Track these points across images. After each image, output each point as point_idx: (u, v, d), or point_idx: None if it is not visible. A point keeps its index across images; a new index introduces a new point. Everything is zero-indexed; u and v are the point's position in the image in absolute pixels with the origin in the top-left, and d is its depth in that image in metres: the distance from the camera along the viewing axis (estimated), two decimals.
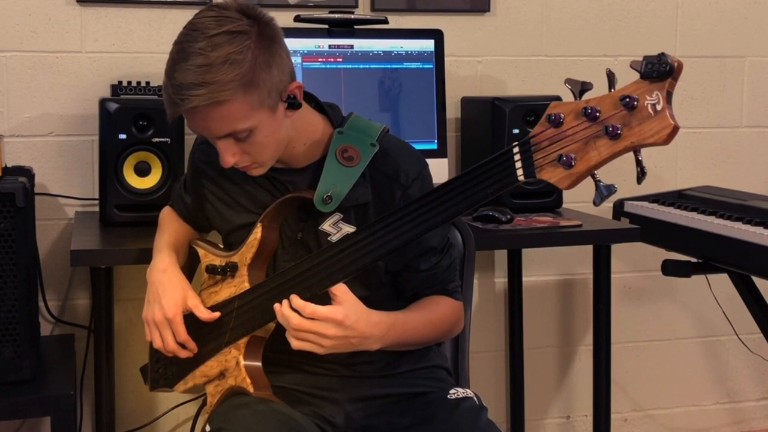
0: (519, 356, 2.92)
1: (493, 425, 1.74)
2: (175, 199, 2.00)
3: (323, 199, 1.71)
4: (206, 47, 1.57)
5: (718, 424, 3.25)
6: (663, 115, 1.33)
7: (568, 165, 1.39)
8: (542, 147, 1.42)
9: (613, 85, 1.39)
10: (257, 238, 1.75)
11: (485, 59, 2.88)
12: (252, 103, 1.60)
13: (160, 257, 1.84)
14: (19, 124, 2.56)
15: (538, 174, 1.43)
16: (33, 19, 2.55)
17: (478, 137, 2.65)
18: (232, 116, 1.59)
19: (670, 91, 1.34)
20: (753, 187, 2.99)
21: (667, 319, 3.16)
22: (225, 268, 1.78)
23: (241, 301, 1.75)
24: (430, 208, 1.54)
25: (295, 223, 1.78)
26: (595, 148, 1.38)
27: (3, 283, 2.07)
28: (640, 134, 1.34)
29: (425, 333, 1.78)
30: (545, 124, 1.42)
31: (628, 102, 1.35)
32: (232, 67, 1.56)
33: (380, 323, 1.64)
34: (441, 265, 1.81)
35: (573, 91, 1.42)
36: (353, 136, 1.76)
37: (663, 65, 1.34)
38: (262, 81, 1.60)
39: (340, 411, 1.77)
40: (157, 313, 1.76)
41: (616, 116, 1.36)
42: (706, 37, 3.06)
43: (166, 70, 1.62)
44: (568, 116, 1.40)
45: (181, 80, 1.57)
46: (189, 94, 1.56)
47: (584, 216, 2.57)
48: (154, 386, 1.94)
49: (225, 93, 1.56)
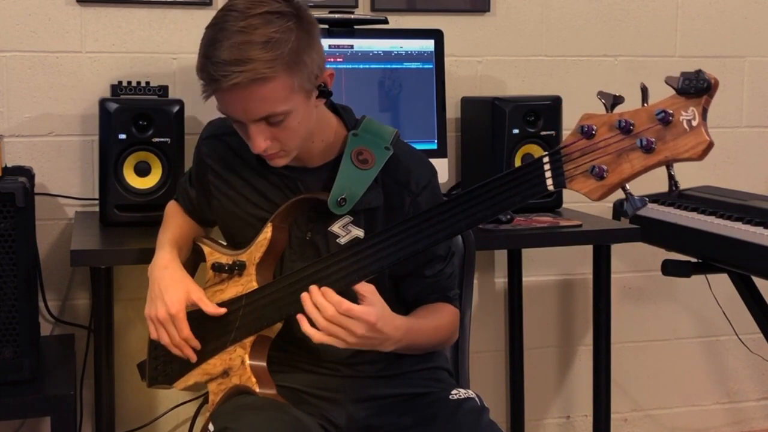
0: (519, 356, 2.92)
1: (494, 426, 1.74)
2: (180, 193, 2.00)
3: (337, 202, 1.70)
4: (248, 26, 1.56)
5: (718, 424, 3.25)
6: (699, 130, 1.34)
7: (599, 176, 1.41)
8: (573, 158, 1.43)
9: (646, 99, 1.41)
10: (267, 238, 1.74)
11: (485, 59, 2.88)
12: (293, 85, 1.60)
13: (161, 254, 1.84)
14: (19, 124, 2.56)
15: (569, 184, 1.45)
16: (33, 19, 2.55)
17: (478, 137, 2.65)
18: (272, 96, 1.59)
19: (706, 107, 1.35)
20: (753, 187, 2.99)
21: (667, 319, 3.16)
22: (232, 266, 1.77)
23: (248, 299, 1.74)
24: (454, 213, 1.54)
25: (304, 224, 1.77)
26: (628, 161, 1.40)
27: (3, 283, 2.07)
28: (675, 149, 1.36)
29: (431, 339, 1.79)
30: (577, 135, 1.44)
31: (664, 117, 1.36)
32: (276, 45, 1.56)
33: (401, 327, 1.65)
34: (444, 272, 1.82)
35: (605, 103, 1.43)
36: (368, 138, 1.76)
37: (700, 82, 1.35)
38: (303, 63, 1.60)
39: (342, 411, 1.77)
40: (160, 310, 1.75)
41: (651, 130, 1.37)
42: (706, 37, 3.06)
43: (202, 51, 1.61)
44: (601, 128, 1.42)
45: (224, 57, 1.55)
46: (232, 69, 1.54)
47: (584, 216, 2.57)
48: (152, 383, 1.94)
49: (269, 71, 1.56)
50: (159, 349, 1.87)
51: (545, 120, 2.55)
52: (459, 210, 1.54)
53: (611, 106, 1.43)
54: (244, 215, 1.81)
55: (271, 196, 1.78)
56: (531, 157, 2.54)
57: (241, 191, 1.82)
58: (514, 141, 2.52)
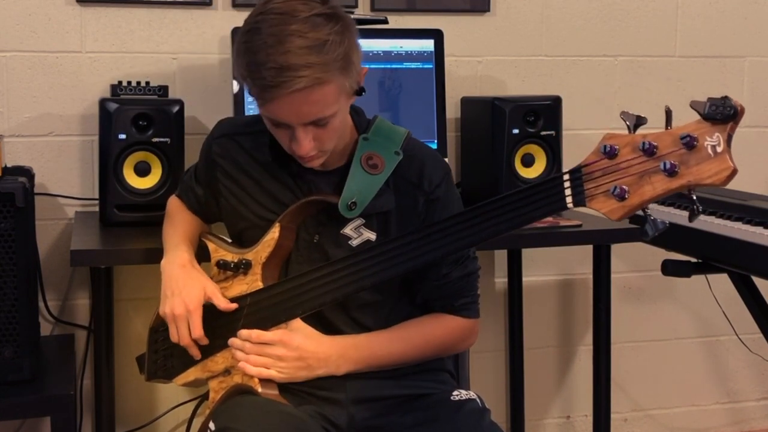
0: (519, 356, 2.92)
1: (496, 427, 1.74)
2: (184, 190, 1.99)
3: (348, 206, 1.70)
4: (303, 29, 1.54)
5: (718, 424, 3.25)
6: (723, 157, 1.34)
7: (621, 197, 1.41)
8: (594, 177, 1.44)
9: (669, 122, 1.41)
10: (275, 238, 1.74)
11: (485, 59, 2.88)
12: (344, 86, 1.60)
13: (178, 253, 1.83)
14: (19, 124, 2.56)
15: (588, 203, 1.45)
16: (33, 19, 2.55)
17: (478, 137, 2.65)
18: (326, 100, 1.58)
19: (731, 134, 1.35)
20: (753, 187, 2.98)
21: (667, 319, 3.16)
22: (238, 264, 1.77)
23: (253, 299, 1.75)
24: (472, 224, 1.55)
25: (312, 226, 1.77)
26: (650, 183, 1.39)
27: (3, 283, 2.07)
28: (698, 174, 1.36)
29: (405, 349, 1.78)
30: (599, 154, 1.44)
31: (689, 141, 1.36)
32: (332, 47, 1.55)
33: (334, 344, 1.70)
34: (451, 276, 1.80)
35: (628, 124, 1.43)
36: (378, 142, 1.76)
37: (727, 108, 1.35)
38: (353, 64, 1.61)
39: (343, 412, 1.77)
40: (177, 307, 1.75)
41: (675, 154, 1.37)
42: (706, 37, 3.06)
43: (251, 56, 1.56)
44: (624, 149, 1.42)
45: (281, 62, 1.53)
46: (294, 75, 1.53)
47: (584, 216, 2.56)
48: (150, 377, 1.94)
49: (329, 74, 1.55)
50: (159, 342, 1.87)
51: (545, 120, 2.54)
52: (476, 222, 1.54)
53: (634, 126, 1.43)
54: (252, 216, 1.81)
55: (282, 198, 1.78)
56: (531, 157, 2.54)
57: (250, 192, 1.81)
58: (514, 141, 2.52)
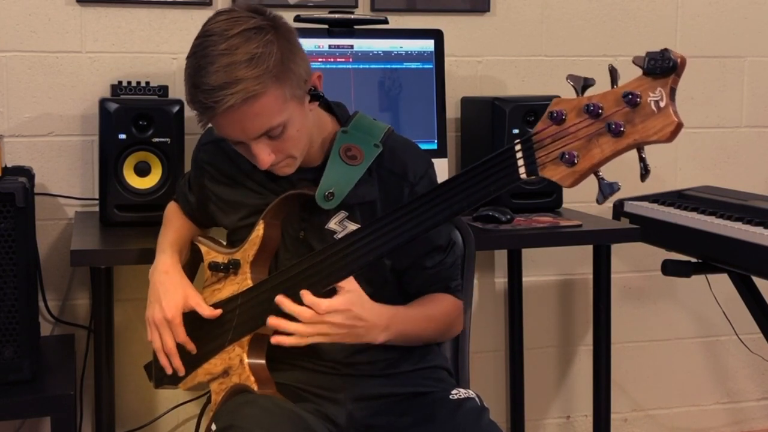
0: (519, 356, 2.92)
1: (494, 426, 1.74)
2: (179, 195, 2.01)
3: (325, 196, 1.72)
4: (229, 48, 1.58)
5: (718, 424, 3.25)
6: (666, 112, 1.30)
7: (570, 163, 1.38)
8: (544, 145, 1.41)
9: (615, 81, 1.37)
10: (259, 235, 1.75)
11: (485, 59, 2.88)
12: (284, 95, 1.61)
13: (162, 258, 1.85)
14: (19, 124, 2.56)
15: (541, 172, 1.42)
16: (33, 19, 2.55)
17: (478, 137, 2.65)
18: (266, 111, 1.60)
19: (674, 87, 1.32)
20: (753, 187, 2.99)
21: (667, 319, 3.16)
22: (228, 265, 1.78)
23: (243, 298, 1.75)
24: (432, 206, 1.54)
25: (297, 222, 1.78)
26: (598, 146, 1.36)
27: (3, 283, 2.06)
28: (644, 131, 1.32)
29: (426, 328, 1.80)
30: (547, 121, 1.41)
31: (631, 99, 1.33)
32: (260, 61, 1.57)
33: (383, 313, 1.67)
34: (445, 262, 1.83)
35: (575, 87, 1.40)
36: (357, 135, 1.77)
37: (666, 61, 1.31)
38: (290, 72, 1.61)
39: (342, 410, 1.77)
40: (157, 314, 1.78)
41: (619, 113, 1.34)
42: (706, 37, 3.06)
43: (189, 81, 1.62)
44: (570, 113, 1.39)
45: (211, 83, 1.57)
46: (223, 94, 1.56)
47: (584, 216, 2.57)
48: (158, 384, 1.95)
49: (258, 86, 1.57)
50: None
51: None
52: (437, 201, 1.53)
53: (581, 89, 1.39)
54: (240, 218, 1.83)
55: (268, 200, 1.78)
56: None
57: (236, 196, 1.83)
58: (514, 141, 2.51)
